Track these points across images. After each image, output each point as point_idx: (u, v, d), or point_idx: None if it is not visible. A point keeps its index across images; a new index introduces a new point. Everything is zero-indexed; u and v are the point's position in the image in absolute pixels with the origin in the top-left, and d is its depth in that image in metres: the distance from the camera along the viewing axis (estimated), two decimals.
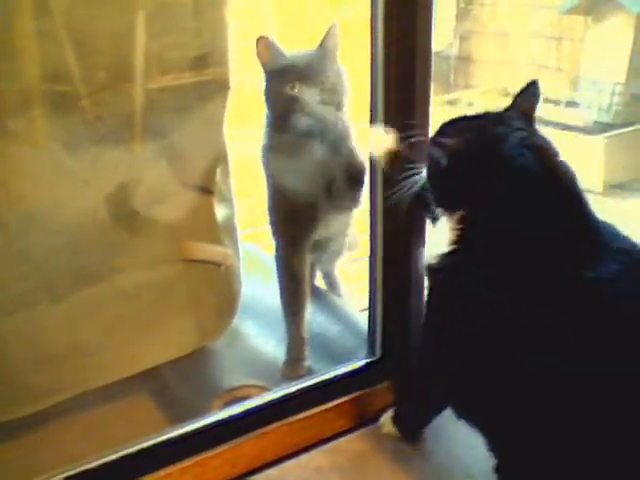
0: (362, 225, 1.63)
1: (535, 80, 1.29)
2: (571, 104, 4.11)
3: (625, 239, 1.17)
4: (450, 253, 1.18)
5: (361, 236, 1.77)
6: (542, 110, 1.28)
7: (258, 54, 1.58)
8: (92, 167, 1.47)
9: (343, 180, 1.59)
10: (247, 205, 1.94)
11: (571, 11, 4.13)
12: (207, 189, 1.59)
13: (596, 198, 3.66)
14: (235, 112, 1.61)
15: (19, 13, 1.43)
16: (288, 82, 1.54)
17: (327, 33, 1.57)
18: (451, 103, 4.44)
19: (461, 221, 1.17)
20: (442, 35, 4.52)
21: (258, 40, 1.57)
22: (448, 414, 1.28)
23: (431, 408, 1.41)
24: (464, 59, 4.69)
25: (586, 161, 3.72)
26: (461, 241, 1.17)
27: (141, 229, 1.55)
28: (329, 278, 1.93)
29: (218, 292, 1.66)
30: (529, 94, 1.28)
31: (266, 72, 1.59)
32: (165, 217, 1.55)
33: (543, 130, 1.30)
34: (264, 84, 1.61)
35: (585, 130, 3.88)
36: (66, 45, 1.45)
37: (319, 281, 1.94)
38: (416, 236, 1.44)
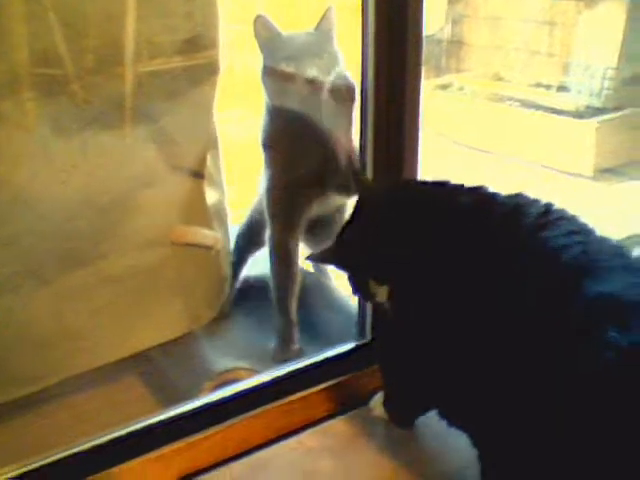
0: None
1: None
2: (562, 89, 4.11)
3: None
4: None
5: None
6: (533, 94, 1.29)
7: (255, 33, 1.57)
8: (81, 151, 1.46)
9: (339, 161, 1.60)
10: (240, 188, 1.93)
11: None
12: (197, 173, 1.59)
13: (586, 182, 3.68)
14: (225, 95, 1.61)
15: None
16: (284, 61, 1.54)
17: (323, 16, 1.58)
18: (442, 87, 4.44)
19: None
20: (434, 19, 4.51)
21: (256, 19, 1.56)
22: None
23: (416, 407, 1.40)
24: (456, 43, 4.68)
25: (577, 145, 3.73)
26: None
27: (130, 213, 1.54)
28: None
29: (208, 276, 1.67)
30: None
31: (263, 51, 1.59)
32: (155, 201, 1.55)
33: (534, 114, 1.30)
34: (261, 64, 1.60)
35: (576, 114, 3.89)
36: (55, 27, 1.44)
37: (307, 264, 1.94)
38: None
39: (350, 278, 1.33)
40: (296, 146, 1.60)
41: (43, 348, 1.47)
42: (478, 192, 1.20)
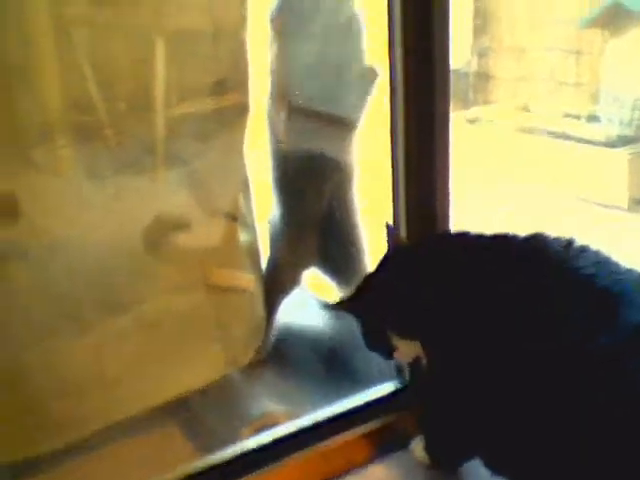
0: None
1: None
2: (592, 118, 4.08)
3: None
4: None
5: None
6: (563, 125, 1.28)
7: None
8: (115, 196, 1.47)
9: None
10: None
11: (589, 25, 4.12)
12: (230, 214, 1.60)
13: (621, 214, 3.61)
14: (255, 134, 1.61)
15: (41, 45, 1.45)
16: None
17: None
18: (471, 121, 4.43)
19: None
20: (460, 53, 4.53)
21: None
22: None
23: (458, 451, 1.35)
24: (482, 76, 4.69)
25: (609, 176, 3.68)
26: None
27: (165, 257, 1.55)
28: None
29: (243, 318, 1.66)
30: None
31: None
32: (189, 244, 1.55)
33: (564, 145, 1.30)
34: None
35: (607, 144, 3.85)
36: (88, 75, 1.46)
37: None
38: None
39: (366, 332, 1.30)
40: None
41: (82, 395, 1.46)
42: (500, 238, 1.20)
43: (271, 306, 1.79)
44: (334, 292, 1.88)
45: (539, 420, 1.04)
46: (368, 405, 1.49)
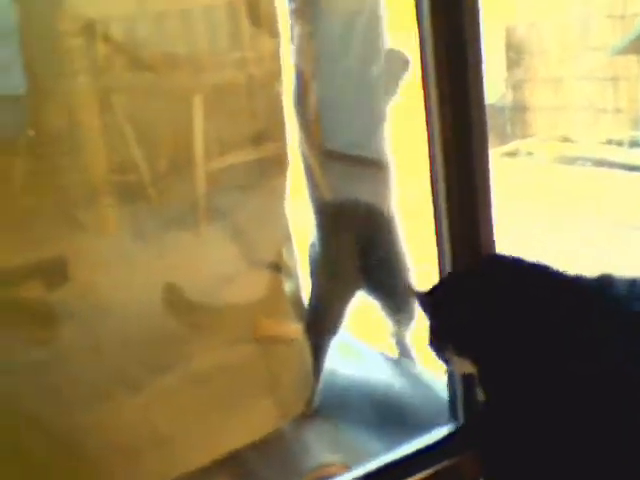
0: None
1: None
2: (635, 144, 4.02)
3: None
4: None
5: None
6: (605, 152, 1.27)
7: None
8: (160, 253, 1.49)
9: None
10: None
11: (623, 51, 4.09)
12: (274, 265, 1.60)
13: None
14: (296, 183, 1.63)
15: (84, 111, 1.49)
16: None
17: None
18: (510, 154, 4.40)
19: None
20: (494, 86, 4.52)
21: None
22: None
23: None
24: (519, 108, 4.67)
25: None
26: None
27: (212, 311, 1.55)
28: (400, 342, 1.90)
29: (292, 369, 1.65)
30: None
31: None
32: (235, 297, 1.56)
33: (607, 172, 1.31)
34: None
35: None
36: (130, 138, 1.50)
37: (389, 347, 1.91)
38: None
39: (431, 333, 1.29)
40: None
41: (134, 455, 1.46)
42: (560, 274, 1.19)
43: (319, 350, 1.77)
44: (383, 337, 1.87)
45: (588, 442, 1.03)
46: (424, 451, 1.45)
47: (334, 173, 1.67)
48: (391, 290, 1.79)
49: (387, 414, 1.61)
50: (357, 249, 1.70)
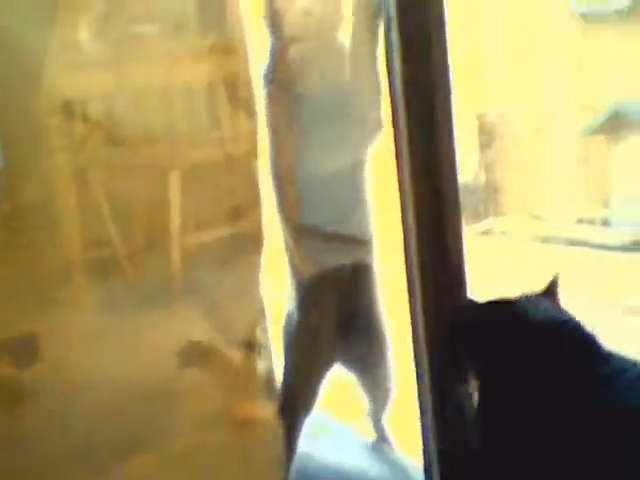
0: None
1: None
2: (606, 223, 4.09)
3: None
4: None
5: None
6: (578, 231, 1.31)
7: None
8: (135, 331, 1.47)
9: None
10: None
11: (593, 133, 4.20)
12: (248, 344, 1.58)
13: None
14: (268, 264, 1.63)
15: (60, 186, 1.49)
16: None
17: None
18: (485, 233, 4.45)
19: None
20: (467, 166, 4.61)
21: None
22: None
23: None
24: (492, 188, 4.75)
25: (627, 280, 3.64)
26: None
27: (185, 391, 1.52)
28: (377, 424, 1.86)
29: (265, 449, 1.60)
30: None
31: None
32: (209, 377, 1.53)
33: (580, 251, 1.38)
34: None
35: (623, 248, 3.83)
36: (105, 214, 1.50)
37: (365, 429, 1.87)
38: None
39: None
40: None
41: None
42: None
43: (292, 431, 1.72)
44: (359, 416, 1.84)
45: None
46: None
47: (311, 248, 1.68)
48: (369, 363, 1.77)
49: None
50: (336, 320, 1.68)
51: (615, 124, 4.05)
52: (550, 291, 1.37)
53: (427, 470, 1.47)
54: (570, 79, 4.24)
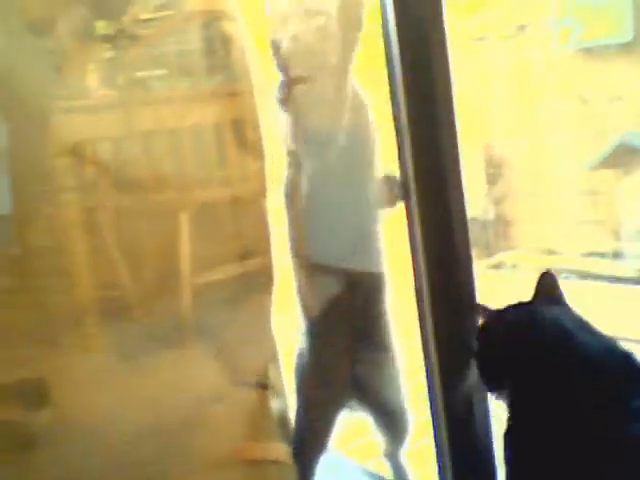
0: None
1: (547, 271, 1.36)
2: (617, 255, 4.07)
3: None
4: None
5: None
6: (589, 264, 1.31)
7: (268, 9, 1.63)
8: (144, 373, 1.46)
9: None
10: None
11: (600, 166, 4.21)
12: (260, 384, 1.57)
13: None
14: (280, 300, 1.62)
15: (70, 229, 1.50)
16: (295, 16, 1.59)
17: None
18: (495, 267, 4.43)
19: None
20: (475, 201, 4.61)
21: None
22: None
23: None
24: (501, 222, 4.74)
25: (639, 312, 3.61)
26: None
27: (197, 432, 1.51)
28: (394, 462, 1.83)
29: None
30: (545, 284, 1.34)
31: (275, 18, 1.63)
32: (220, 418, 1.52)
33: (592, 285, 1.36)
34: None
35: (635, 281, 3.80)
36: (115, 255, 1.50)
37: (382, 468, 1.84)
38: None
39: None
40: None
41: None
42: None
43: (306, 472, 1.70)
44: (375, 454, 1.81)
45: None
46: None
47: (322, 285, 1.67)
48: (386, 399, 1.74)
49: None
50: (349, 356, 1.66)
51: (622, 156, 4.06)
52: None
53: None
54: (574, 113, 4.26)
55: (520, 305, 1.34)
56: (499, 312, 1.33)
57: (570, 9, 3.95)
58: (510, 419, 1.22)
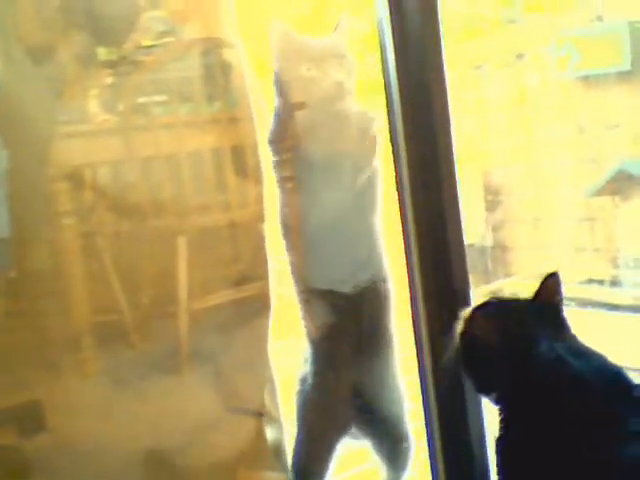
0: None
1: (554, 273, 1.35)
2: (615, 283, 4.07)
3: None
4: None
5: None
6: (587, 291, 1.30)
7: (274, 42, 1.60)
8: (141, 400, 1.45)
9: None
10: None
11: (597, 193, 4.22)
12: (256, 411, 1.56)
13: None
14: (277, 325, 1.61)
15: (68, 252, 1.50)
16: (305, 64, 1.56)
17: (338, 24, 1.62)
18: (493, 294, 4.42)
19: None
20: (474, 227, 4.61)
21: (274, 26, 1.59)
22: None
23: None
24: (500, 248, 4.74)
25: (638, 341, 3.60)
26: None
27: (193, 460, 1.49)
28: None
29: None
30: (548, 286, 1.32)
31: (280, 57, 1.61)
32: (216, 445, 1.50)
33: (591, 313, 1.36)
34: (275, 73, 1.62)
35: (633, 309, 3.80)
36: (112, 280, 1.50)
37: None
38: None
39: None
40: None
41: None
42: None
43: None
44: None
45: None
46: None
47: (324, 309, 1.65)
48: (387, 425, 1.72)
49: None
50: (352, 380, 1.64)
51: (620, 183, 4.07)
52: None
53: None
54: (572, 140, 4.29)
55: (513, 306, 1.33)
56: (492, 309, 1.31)
57: (568, 38, 3.99)
58: (501, 426, 1.21)
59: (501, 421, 1.23)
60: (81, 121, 1.55)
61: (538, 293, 1.30)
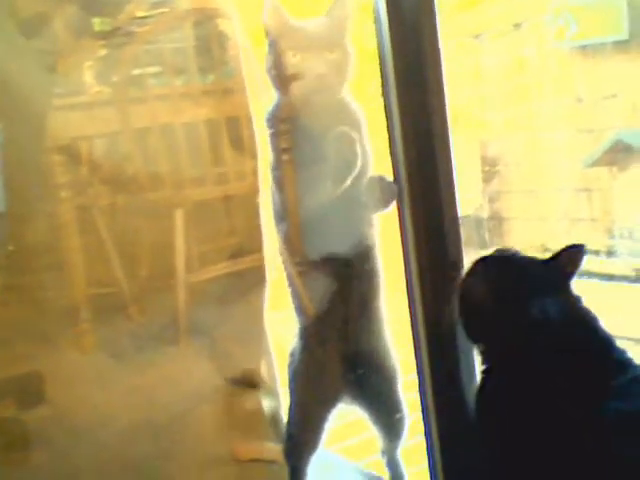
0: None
1: (580, 245, 1.34)
2: (611, 254, 4.08)
3: None
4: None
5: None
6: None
7: (265, 18, 1.51)
8: (139, 372, 1.47)
9: None
10: None
11: (594, 163, 4.21)
12: (253, 382, 1.57)
13: None
14: (273, 297, 1.62)
15: (65, 226, 1.50)
16: (291, 50, 1.48)
17: (331, 6, 1.53)
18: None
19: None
20: (470, 198, 4.61)
21: (266, 3, 1.51)
22: None
23: None
24: (496, 219, 4.75)
25: (633, 311, 3.62)
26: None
27: (191, 430, 1.51)
28: (390, 460, 1.82)
29: None
30: (569, 255, 1.31)
31: (270, 39, 1.53)
32: (214, 416, 1.52)
33: (586, 283, 1.35)
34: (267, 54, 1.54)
35: (629, 279, 3.81)
36: (110, 253, 1.50)
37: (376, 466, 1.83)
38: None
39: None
40: None
41: None
42: None
43: (297, 472, 1.69)
44: (370, 452, 1.80)
45: None
46: None
47: (316, 282, 1.66)
48: (381, 395, 1.73)
49: None
50: (342, 353, 1.65)
51: (617, 154, 4.06)
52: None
53: None
54: (570, 110, 4.27)
55: (518, 262, 1.32)
56: (495, 261, 1.31)
57: (566, 7, 3.95)
58: (483, 377, 1.23)
59: (483, 372, 1.25)
60: (76, 93, 1.54)
61: (554, 257, 1.30)
